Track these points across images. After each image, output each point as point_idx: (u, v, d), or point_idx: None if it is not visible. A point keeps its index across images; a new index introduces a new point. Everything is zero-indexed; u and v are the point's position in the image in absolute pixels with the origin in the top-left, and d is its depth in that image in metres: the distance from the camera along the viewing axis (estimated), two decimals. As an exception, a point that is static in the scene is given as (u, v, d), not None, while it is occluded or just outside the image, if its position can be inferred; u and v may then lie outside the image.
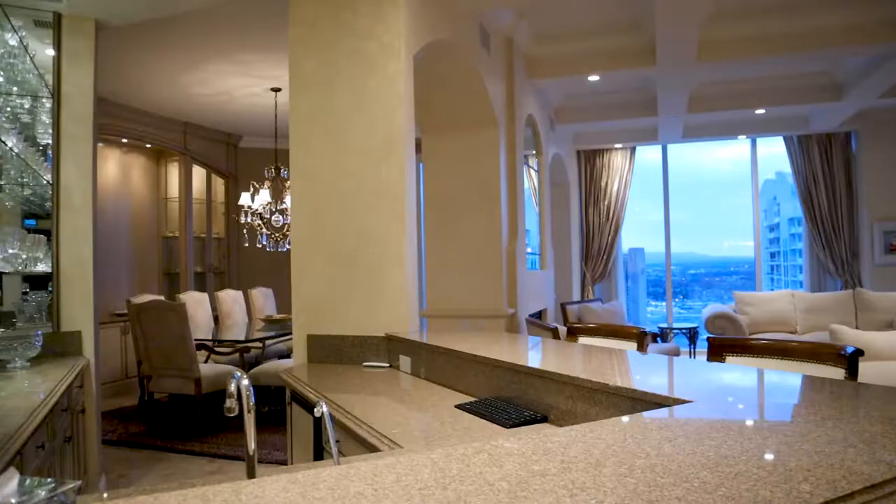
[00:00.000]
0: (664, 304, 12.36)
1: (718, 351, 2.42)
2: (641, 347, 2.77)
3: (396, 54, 3.53)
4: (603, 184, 9.98)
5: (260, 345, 6.42)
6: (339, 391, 2.83)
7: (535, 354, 2.49)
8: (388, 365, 3.40)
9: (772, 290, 9.74)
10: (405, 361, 3.21)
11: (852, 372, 2.03)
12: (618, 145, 9.82)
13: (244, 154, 9.63)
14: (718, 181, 10.11)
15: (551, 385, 2.10)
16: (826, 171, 9.42)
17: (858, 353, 2.04)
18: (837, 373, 2.08)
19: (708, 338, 2.45)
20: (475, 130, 5.42)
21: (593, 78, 6.58)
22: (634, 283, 11.78)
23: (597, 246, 9.93)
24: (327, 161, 3.65)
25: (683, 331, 8.58)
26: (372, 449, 2.00)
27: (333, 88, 3.65)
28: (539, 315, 6.94)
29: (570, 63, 6.43)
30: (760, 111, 8.32)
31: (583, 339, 3.16)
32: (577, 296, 9.62)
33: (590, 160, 10.06)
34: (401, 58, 3.53)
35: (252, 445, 1.33)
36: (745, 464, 1.07)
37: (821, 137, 9.42)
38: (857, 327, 7.91)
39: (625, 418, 1.44)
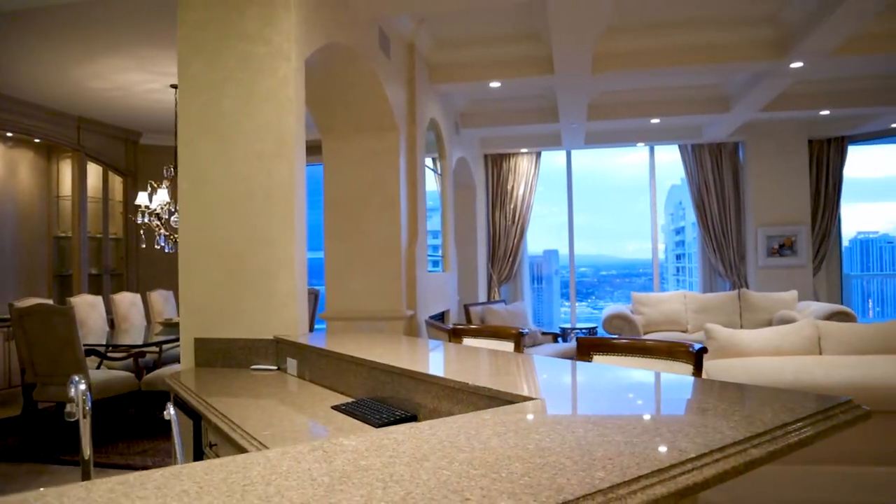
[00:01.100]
0: (580, 303, 12.77)
1: (586, 350, 2.57)
2: (518, 348, 2.89)
3: (286, 58, 3.54)
4: (509, 187, 10.22)
5: (156, 349, 6.24)
6: (221, 395, 2.82)
7: (410, 356, 2.56)
8: (276, 368, 3.40)
9: (678, 290, 10.26)
10: (292, 364, 3.22)
11: (698, 367, 2.20)
12: (524, 150, 10.09)
13: (145, 151, 9.31)
14: (629, 185, 10.56)
15: (421, 385, 2.17)
16: (716, 178, 9.98)
17: (703, 350, 2.22)
18: (687, 368, 2.25)
19: (577, 338, 2.59)
20: (375, 134, 5.47)
21: (494, 84, 6.75)
22: (549, 284, 12.11)
23: (503, 248, 10.16)
24: (217, 164, 3.61)
25: (584, 331, 8.91)
26: (242, 451, 2.01)
27: (223, 91, 3.62)
28: (442, 316, 7.05)
29: (472, 69, 6.57)
30: (656, 120, 8.73)
31: (467, 341, 3.27)
32: (482, 297, 9.81)
33: (497, 164, 10.28)
34: (291, 61, 3.54)
35: (87, 451, 1.33)
36: (556, 455, 1.17)
37: (712, 147, 9.99)
38: (741, 326, 8.44)
39: (468, 415, 1.52)
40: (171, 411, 1.59)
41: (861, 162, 10.24)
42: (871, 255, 11.48)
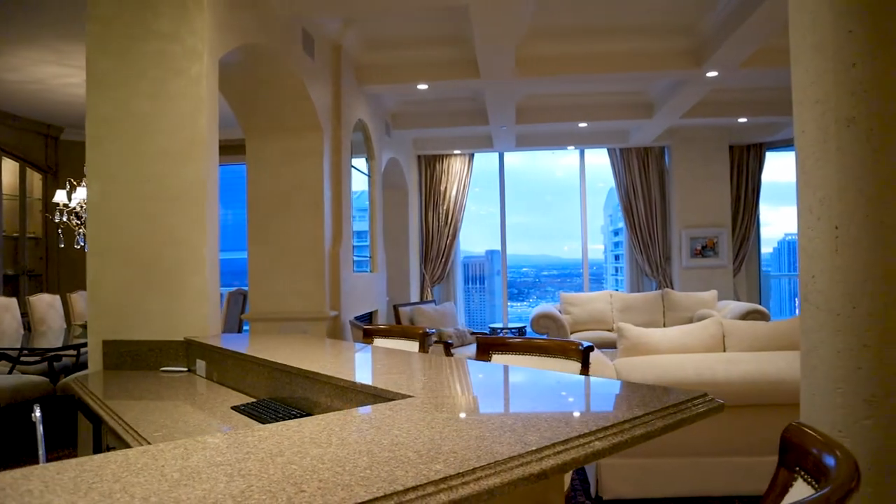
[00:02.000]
0: (522, 303, 12.94)
1: (486, 350, 2.64)
2: (423, 347, 2.95)
3: (199, 57, 3.51)
4: (442, 188, 10.30)
5: (73, 352, 6.05)
6: (124, 397, 2.79)
7: (312, 356, 2.59)
8: (186, 370, 3.37)
9: (616, 290, 10.52)
10: (201, 365, 3.20)
11: (585, 365, 2.30)
12: (456, 151, 10.19)
13: (67, 147, 9.01)
14: (570, 186, 10.78)
15: (316, 384, 2.21)
16: (643, 181, 10.29)
17: (590, 349, 2.32)
18: (577, 366, 2.35)
19: (477, 338, 2.66)
20: (299, 134, 5.45)
21: (422, 86, 6.81)
22: (492, 284, 12.24)
23: (436, 249, 10.24)
24: (127, 163, 3.55)
25: (514, 330, 9.05)
26: (131, 453, 2.01)
27: (134, 89, 3.56)
28: (370, 317, 7.07)
29: (400, 71, 6.62)
30: (583, 125, 8.94)
31: (378, 341, 3.31)
32: (415, 297, 9.86)
33: (430, 165, 10.35)
34: (204, 61, 3.51)
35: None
36: (407, 449, 1.23)
37: (639, 151, 10.30)
38: (664, 324, 8.73)
39: (340, 413, 1.56)
40: (37, 413, 1.58)
41: (786, 167, 10.70)
42: (797, 256, 11.99)
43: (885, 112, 1.70)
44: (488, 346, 2.60)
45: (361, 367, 2.33)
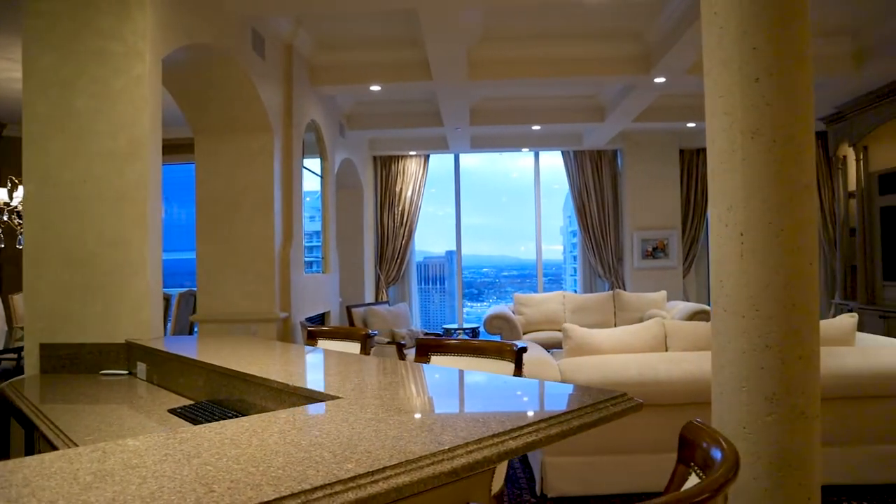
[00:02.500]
0: (482, 304, 12.99)
1: (425, 351, 2.67)
2: (365, 349, 2.98)
3: (142, 57, 3.47)
4: (398, 189, 10.32)
5: (13, 356, 5.91)
6: (60, 401, 2.75)
7: (251, 358, 2.59)
8: (127, 372, 3.33)
9: (574, 290, 10.66)
10: (141, 368, 3.17)
11: (518, 365, 2.36)
12: (412, 152, 10.22)
13: (10, 144, 8.75)
14: (528, 188, 10.88)
15: (252, 387, 2.22)
16: (596, 184, 10.46)
17: (523, 350, 2.37)
18: (512, 367, 2.40)
19: (417, 340, 2.70)
20: (249, 134, 5.41)
21: (375, 88, 6.82)
22: (452, 285, 12.27)
23: (391, 249, 10.25)
24: (65, 163, 3.49)
25: (468, 331, 9.11)
26: (61, 458, 1.99)
27: (74, 88, 3.50)
28: (322, 318, 7.05)
29: (353, 72, 6.62)
30: (537, 127, 9.05)
31: (322, 342, 3.32)
32: (370, 298, 9.85)
33: (385, 166, 10.35)
34: (146, 60, 3.48)
35: None
36: (323, 449, 1.26)
37: (592, 153, 10.46)
38: (615, 324, 8.89)
39: (266, 414, 1.58)
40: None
41: None
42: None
43: (786, 125, 1.79)
44: (427, 347, 2.64)
45: (298, 369, 2.34)
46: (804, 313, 1.83)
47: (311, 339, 3.36)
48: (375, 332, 3.12)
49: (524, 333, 8.44)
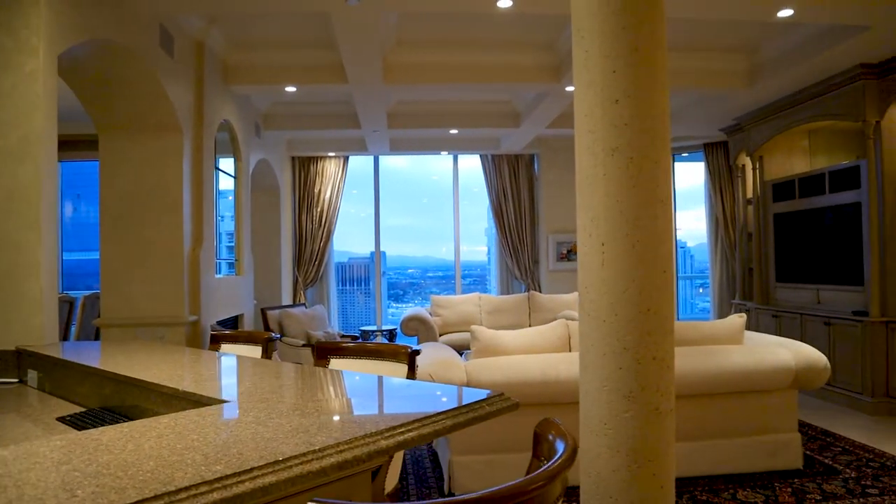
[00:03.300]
0: (408, 305, 13.00)
1: (323, 354, 2.72)
2: (266, 352, 2.99)
3: (35, 52, 3.37)
4: (316, 190, 10.26)
5: None
6: (-59, 410, 2.64)
7: (147, 363, 2.57)
8: (17, 381, 3.22)
9: (493, 293, 10.84)
10: (33, 376, 3.08)
11: (411, 367, 2.43)
12: (331, 153, 10.18)
13: None
14: (450, 190, 10.99)
15: (144, 392, 2.21)
16: (514, 187, 10.69)
17: (416, 352, 2.45)
18: (405, 368, 2.47)
19: (316, 343, 2.73)
20: (157, 134, 5.29)
21: (290, 89, 6.77)
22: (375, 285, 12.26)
23: (309, 251, 10.17)
24: (-48, 160, 3.35)
25: (385, 333, 9.15)
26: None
27: (-38, 82, 3.36)
28: (236, 320, 6.95)
29: (268, 72, 6.55)
30: (454, 131, 9.19)
31: (224, 346, 3.31)
32: (287, 300, 9.76)
33: (304, 167, 10.27)
34: (40, 56, 3.37)
35: None
36: (196, 453, 1.29)
37: (510, 157, 10.68)
38: (530, 325, 9.13)
39: (148, 420, 1.60)
40: None
41: (680, 174, 11.34)
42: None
43: (642, 144, 1.95)
44: (326, 351, 2.68)
45: (192, 374, 2.34)
46: (658, 318, 1.98)
47: (214, 343, 3.34)
48: (278, 335, 3.13)
49: (441, 335, 8.55)
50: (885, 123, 6.04)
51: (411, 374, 2.40)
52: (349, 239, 11.36)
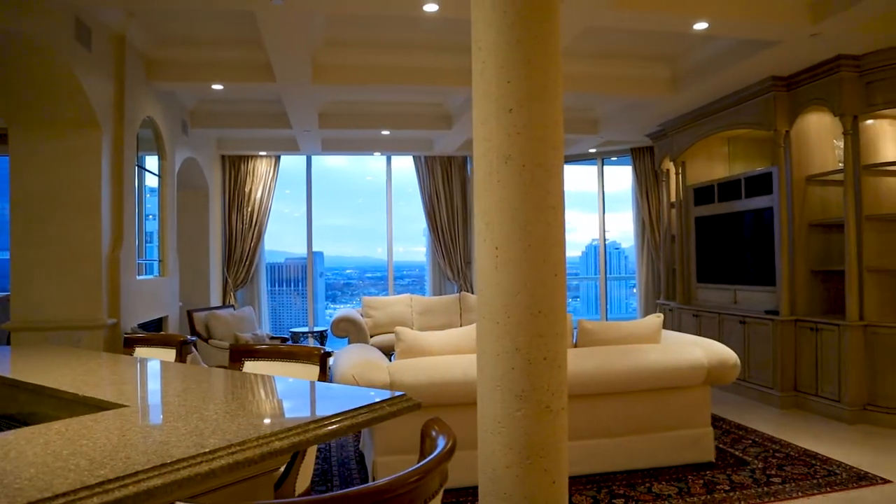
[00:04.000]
0: (346, 305, 12.87)
1: (237, 357, 2.69)
2: (180, 356, 2.94)
3: (-65, 44, 3.22)
4: (247, 190, 10.09)
5: None
6: None
7: (49, 368, 2.50)
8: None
9: (432, 293, 10.87)
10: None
11: (323, 368, 2.44)
12: (262, 153, 10.03)
13: None
14: (394, 189, 10.96)
15: (43, 398, 2.15)
16: (446, 189, 10.77)
17: (327, 354, 2.47)
18: (316, 370, 2.48)
19: (230, 346, 2.71)
20: (72, 130, 5.11)
21: (217, 87, 6.65)
22: (314, 286, 12.10)
23: (239, 251, 10.00)
24: None
25: (315, 334, 9.08)
26: None
27: None
28: (159, 323, 6.78)
29: (194, 70, 6.41)
30: (386, 132, 9.18)
31: (139, 350, 3.24)
32: (216, 302, 9.57)
33: (234, 166, 10.09)
34: (-59, 49, 3.23)
35: None
36: (80, 458, 1.28)
37: (443, 159, 10.76)
38: (461, 325, 9.21)
39: (40, 426, 1.56)
40: None
41: (589, 178, 11.56)
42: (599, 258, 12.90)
43: (533, 152, 2.02)
44: (240, 353, 2.66)
45: (97, 378, 2.29)
46: (549, 319, 2.06)
47: (128, 346, 3.26)
48: (193, 338, 3.09)
49: (372, 336, 8.54)
50: (794, 133, 6.36)
51: (323, 376, 2.41)
52: (285, 239, 11.24)
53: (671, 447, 4.58)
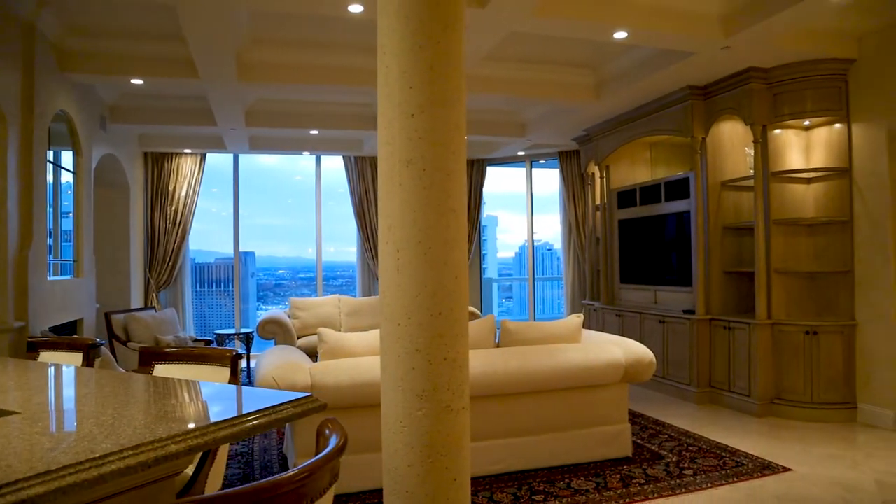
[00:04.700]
0: (278, 306, 12.61)
1: (147, 360, 2.63)
2: (87, 360, 2.85)
3: None
4: (171, 188, 9.81)
5: None
6: None
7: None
8: None
9: (361, 294, 10.79)
10: None
11: (234, 371, 2.41)
12: (187, 150, 9.77)
13: None
14: (330, 188, 10.83)
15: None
16: (376, 190, 10.72)
17: (238, 356, 2.43)
18: (227, 372, 2.45)
19: (140, 349, 2.64)
20: (-24, 123, 4.87)
21: (137, 81, 6.45)
22: (244, 287, 11.83)
23: (162, 251, 9.71)
24: None
25: (241, 336, 8.91)
26: None
27: None
28: (74, 326, 6.52)
29: (111, 62, 6.18)
30: (315, 132, 9.09)
31: (44, 354, 3.11)
32: (138, 303, 9.27)
33: (157, 163, 9.79)
34: None
35: None
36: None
37: (373, 160, 10.72)
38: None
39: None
40: None
41: (520, 180, 11.70)
42: (535, 261, 13.07)
43: (434, 156, 2.07)
44: (150, 356, 2.60)
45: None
46: (450, 321, 2.11)
47: (32, 350, 3.13)
48: (103, 341, 2.99)
49: (299, 337, 8.43)
50: (709, 140, 6.63)
51: (234, 378, 2.38)
52: (213, 238, 10.98)
53: (590, 443, 4.71)
